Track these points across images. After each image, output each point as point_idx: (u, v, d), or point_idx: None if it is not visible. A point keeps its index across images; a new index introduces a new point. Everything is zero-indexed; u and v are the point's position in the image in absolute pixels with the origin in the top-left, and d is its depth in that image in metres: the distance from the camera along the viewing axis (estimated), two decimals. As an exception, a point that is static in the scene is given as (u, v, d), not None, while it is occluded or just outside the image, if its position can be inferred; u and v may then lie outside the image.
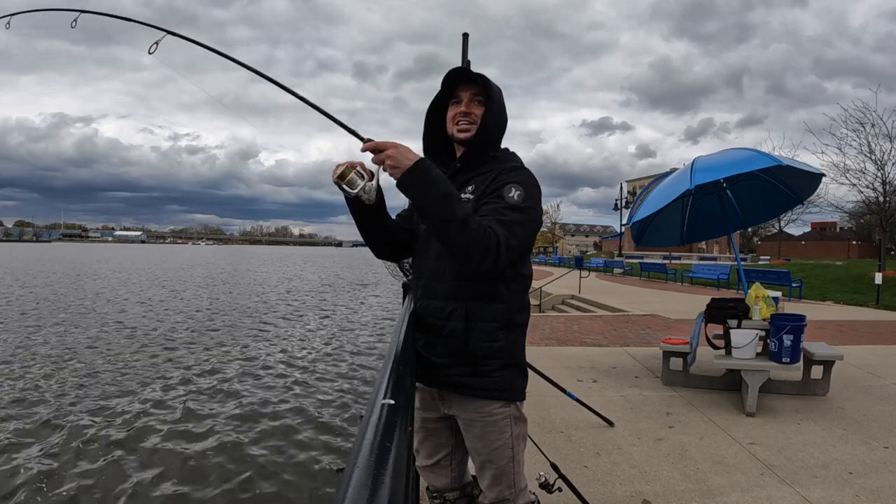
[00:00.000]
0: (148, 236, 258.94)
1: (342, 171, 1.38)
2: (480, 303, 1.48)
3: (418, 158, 1.33)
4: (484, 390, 1.50)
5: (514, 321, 1.53)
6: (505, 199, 1.41)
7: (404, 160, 1.31)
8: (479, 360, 1.49)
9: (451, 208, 1.30)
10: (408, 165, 1.31)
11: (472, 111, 1.54)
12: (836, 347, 4.74)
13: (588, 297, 12.87)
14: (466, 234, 1.30)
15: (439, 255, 1.50)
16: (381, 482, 0.59)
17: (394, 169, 1.33)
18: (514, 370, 1.55)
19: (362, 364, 8.89)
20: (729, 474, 2.88)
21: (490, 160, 1.55)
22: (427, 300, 1.55)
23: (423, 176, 1.31)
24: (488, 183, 1.47)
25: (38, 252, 69.80)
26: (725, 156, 4.63)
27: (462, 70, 1.58)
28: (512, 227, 1.37)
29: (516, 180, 1.45)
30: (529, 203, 1.43)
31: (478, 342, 1.47)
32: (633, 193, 46.44)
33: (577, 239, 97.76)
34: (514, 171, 1.49)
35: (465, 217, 1.31)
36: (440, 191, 1.31)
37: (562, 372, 5.02)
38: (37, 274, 28.30)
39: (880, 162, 15.95)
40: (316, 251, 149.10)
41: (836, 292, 14.00)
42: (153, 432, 5.51)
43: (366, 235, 1.58)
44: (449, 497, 1.71)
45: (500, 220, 1.36)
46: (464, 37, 3.05)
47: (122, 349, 9.51)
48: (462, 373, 1.50)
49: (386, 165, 1.34)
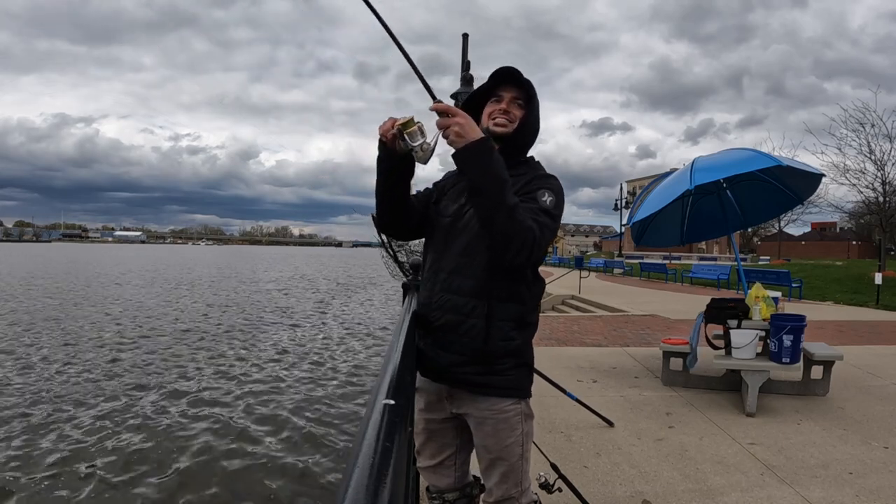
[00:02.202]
0: (148, 236, 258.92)
1: (407, 121, 1.33)
2: (502, 302, 1.49)
3: (484, 136, 1.32)
4: (498, 388, 1.52)
5: (528, 321, 1.56)
6: (539, 202, 1.43)
7: (472, 132, 1.31)
8: (495, 359, 1.50)
9: (505, 193, 1.31)
10: (475, 138, 1.30)
11: (512, 111, 1.55)
12: (836, 347, 4.74)
13: (588, 297, 12.87)
14: (513, 223, 1.31)
15: (467, 251, 1.50)
16: (381, 482, 0.59)
17: (459, 137, 1.30)
18: (524, 369, 1.58)
19: (362, 364, 8.89)
20: (729, 474, 2.88)
21: (522, 164, 1.58)
22: (448, 295, 1.52)
23: (489, 153, 1.31)
24: (522, 185, 1.48)
25: (38, 252, 69.74)
26: (725, 156, 4.63)
27: (511, 71, 1.57)
28: (543, 230, 1.39)
29: (549, 186, 1.48)
30: (558, 211, 1.47)
31: (496, 341, 1.49)
32: (633, 194, 46.44)
33: (577, 239, 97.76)
34: (546, 178, 1.52)
35: (515, 206, 1.32)
36: (499, 173, 1.31)
37: (562, 372, 5.02)
38: (44, 276, 28.26)
39: (880, 162, 15.96)
40: (316, 251, 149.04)
41: (836, 292, 14.00)
42: (154, 431, 5.51)
43: (383, 197, 1.53)
44: (448, 497, 1.71)
45: (534, 220, 1.38)
46: (464, 37, 3.05)
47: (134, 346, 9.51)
48: (477, 371, 1.50)
49: (451, 132, 1.31)
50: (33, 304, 15.75)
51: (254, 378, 7.83)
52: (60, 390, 6.89)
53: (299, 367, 8.55)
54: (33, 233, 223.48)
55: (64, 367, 8.13)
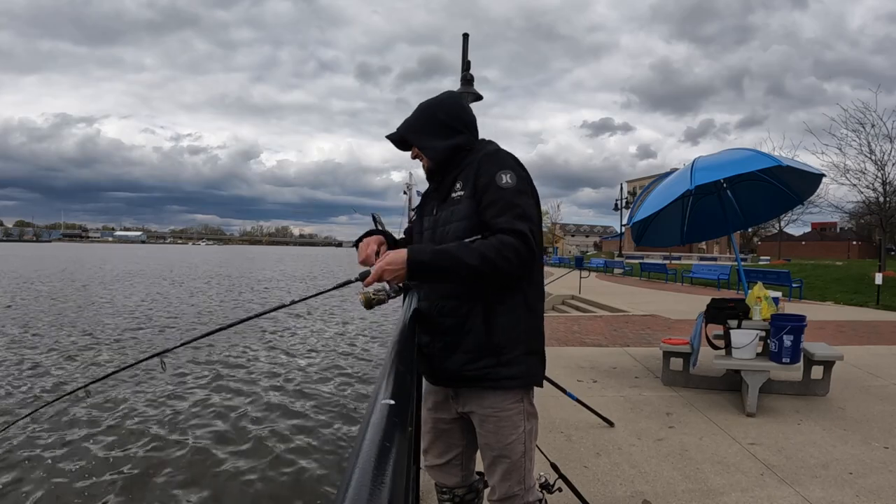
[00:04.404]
0: (148, 236, 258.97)
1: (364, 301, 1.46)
2: (500, 295, 1.50)
3: (406, 257, 1.35)
4: (510, 379, 1.52)
5: (533, 308, 1.56)
6: (502, 187, 1.43)
7: (397, 261, 1.35)
8: (503, 350, 1.50)
9: (464, 265, 1.33)
10: (403, 270, 1.35)
11: (420, 156, 1.65)
12: (836, 348, 4.74)
13: (588, 297, 12.87)
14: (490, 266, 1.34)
15: None
16: (381, 482, 0.59)
17: (395, 274, 1.36)
18: (535, 357, 1.57)
19: (362, 364, 8.89)
20: (729, 474, 2.89)
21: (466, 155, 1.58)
22: (443, 301, 1.54)
23: (421, 266, 1.35)
24: (474, 176, 1.49)
25: (38, 252, 69.77)
26: (726, 156, 4.63)
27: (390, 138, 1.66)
28: (526, 210, 1.42)
29: (499, 166, 1.48)
30: (523, 182, 1.48)
31: (499, 332, 1.49)
32: (634, 194, 46.42)
33: (578, 239, 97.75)
34: (492, 157, 1.52)
35: (481, 255, 1.33)
36: (442, 263, 1.34)
37: (562, 372, 5.02)
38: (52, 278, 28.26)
39: (880, 162, 15.96)
40: (317, 251, 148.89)
41: (837, 292, 14.00)
42: (153, 429, 5.51)
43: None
44: (458, 493, 1.76)
45: (516, 215, 1.40)
46: (464, 37, 3.05)
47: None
48: (488, 364, 1.50)
49: (385, 278, 1.38)
50: (32, 304, 15.76)
51: (252, 378, 7.82)
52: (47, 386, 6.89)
53: (299, 367, 8.54)
54: (33, 233, 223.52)
55: (65, 368, 8.13)
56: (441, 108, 1.61)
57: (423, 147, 1.61)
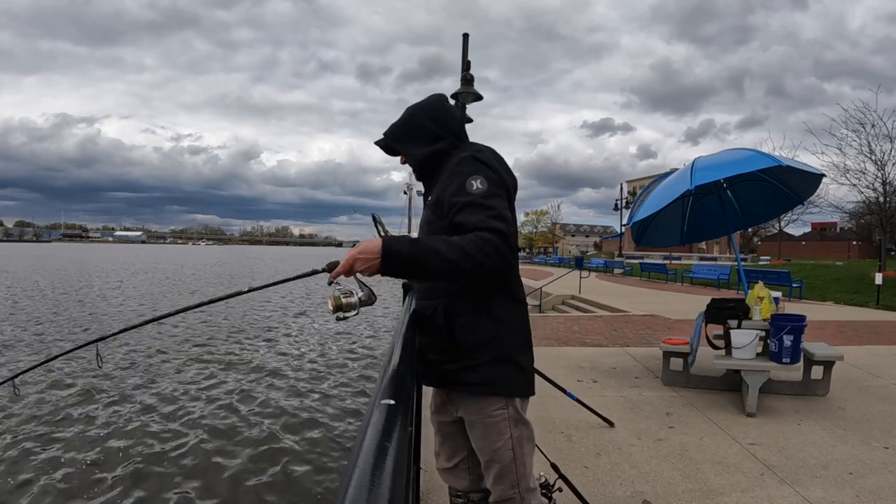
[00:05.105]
0: (148, 236, 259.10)
1: (333, 307, 1.34)
2: (460, 297, 1.50)
3: (381, 247, 1.26)
4: (472, 385, 1.52)
5: (499, 317, 1.51)
6: (472, 193, 1.39)
7: (371, 251, 1.26)
8: (466, 354, 1.50)
9: (441, 258, 1.27)
10: (377, 260, 1.26)
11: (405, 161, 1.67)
12: (836, 348, 4.74)
13: (588, 297, 12.87)
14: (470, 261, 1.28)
15: None
16: (381, 482, 0.59)
17: (368, 264, 1.28)
18: (505, 366, 1.51)
19: (362, 364, 8.89)
20: (729, 474, 2.89)
21: (447, 159, 1.55)
22: (422, 301, 1.62)
23: (397, 256, 1.26)
24: (444, 186, 1.47)
25: (38, 252, 69.75)
26: (726, 156, 4.63)
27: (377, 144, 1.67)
28: (500, 211, 1.37)
29: (470, 171, 1.43)
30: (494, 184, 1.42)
31: (460, 336, 1.50)
32: (634, 194, 46.42)
33: (578, 239, 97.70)
34: (464, 162, 1.47)
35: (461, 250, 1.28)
36: (420, 256, 1.27)
37: (562, 372, 5.02)
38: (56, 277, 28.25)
39: (880, 162, 15.95)
40: (317, 251, 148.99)
41: (837, 292, 14.00)
42: (155, 428, 5.51)
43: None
44: (473, 498, 1.76)
45: (490, 215, 1.35)
46: (464, 37, 3.05)
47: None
48: (456, 367, 1.52)
49: (357, 270, 1.29)
50: (35, 304, 15.77)
51: (251, 378, 7.82)
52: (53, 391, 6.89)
53: (298, 367, 8.54)
54: (34, 233, 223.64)
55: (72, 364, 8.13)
56: (425, 113, 1.60)
57: (405, 153, 1.64)
